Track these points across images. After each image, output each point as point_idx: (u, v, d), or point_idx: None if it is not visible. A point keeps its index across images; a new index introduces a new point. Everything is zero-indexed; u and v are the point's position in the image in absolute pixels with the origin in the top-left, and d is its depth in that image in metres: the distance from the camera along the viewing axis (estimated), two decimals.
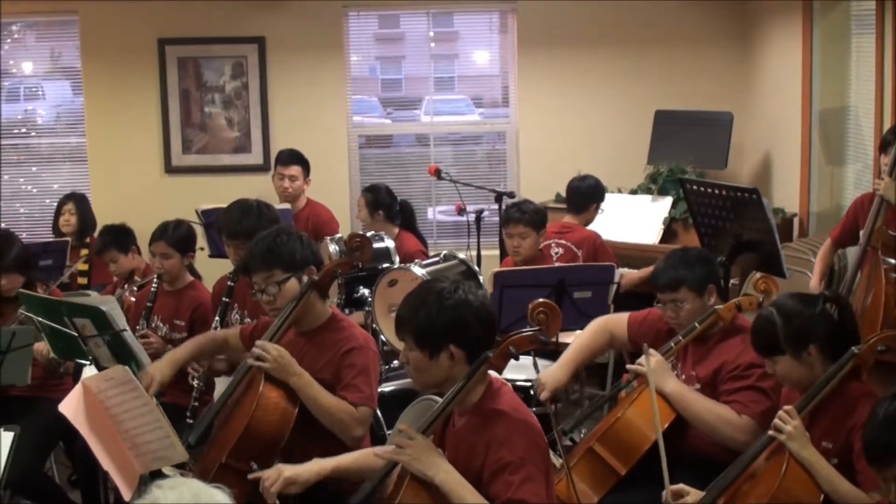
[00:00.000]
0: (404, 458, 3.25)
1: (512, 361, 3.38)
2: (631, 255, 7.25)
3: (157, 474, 3.74)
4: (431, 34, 9.01)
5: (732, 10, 8.55)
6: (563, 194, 7.19)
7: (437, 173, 7.24)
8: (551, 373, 4.42)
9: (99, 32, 8.67)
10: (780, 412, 3.57)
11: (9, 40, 9.11)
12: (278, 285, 4.12)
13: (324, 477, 3.68)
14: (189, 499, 2.28)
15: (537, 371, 4.75)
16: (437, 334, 3.28)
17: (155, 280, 5.58)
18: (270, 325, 4.20)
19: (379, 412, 4.97)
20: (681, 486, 3.66)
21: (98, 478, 4.82)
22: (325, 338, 4.13)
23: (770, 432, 3.58)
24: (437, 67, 9.14)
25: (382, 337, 5.62)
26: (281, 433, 3.94)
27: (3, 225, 8.42)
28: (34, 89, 9.41)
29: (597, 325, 4.69)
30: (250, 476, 3.67)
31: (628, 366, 4.35)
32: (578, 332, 5.77)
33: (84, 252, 7.23)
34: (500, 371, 3.37)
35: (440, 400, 3.44)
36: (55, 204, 8.12)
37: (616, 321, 4.66)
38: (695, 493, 3.65)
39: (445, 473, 3.17)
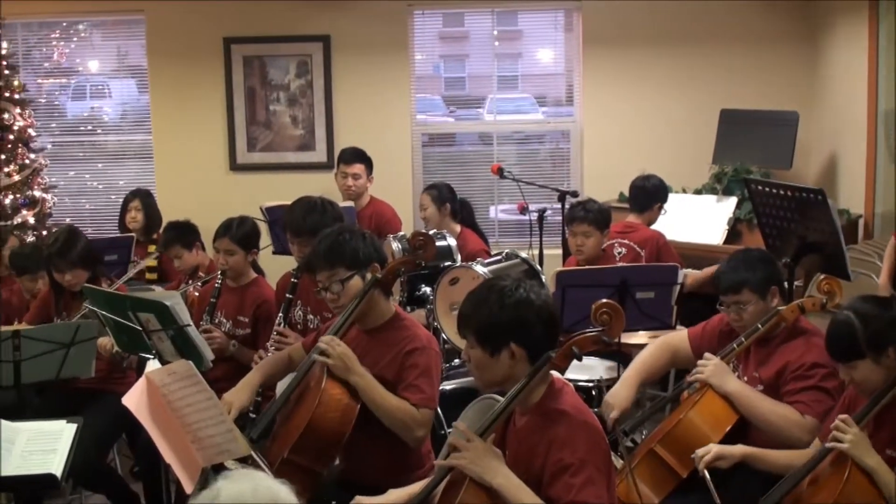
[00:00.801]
0: (462, 463, 3.23)
1: (574, 362, 3.36)
2: (695, 255, 7.18)
3: (220, 468, 3.76)
4: (496, 32, 8.99)
5: (799, 10, 8.46)
6: (627, 194, 7.16)
7: (500, 172, 7.22)
8: (616, 393, 4.38)
9: (165, 31, 8.77)
10: (837, 422, 3.53)
11: (75, 39, 9.24)
12: (342, 283, 4.13)
13: None
14: (253, 493, 2.29)
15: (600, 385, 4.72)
16: (498, 332, 3.27)
17: (219, 276, 5.62)
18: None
19: (440, 410, 4.97)
20: None
21: (160, 470, 4.88)
22: (388, 336, 4.13)
23: (828, 444, 3.54)
24: (501, 66, 9.12)
25: (444, 335, 5.62)
26: (342, 430, 3.94)
27: (68, 221, 8.53)
28: (100, 87, 9.53)
29: (658, 343, 4.65)
30: None
31: (688, 377, 4.32)
32: (641, 332, 5.78)
33: (152, 248, 7.30)
34: (562, 371, 3.35)
35: (501, 399, 3.43)
36: (120, 200, 8.22)
37: (677, 338, 4.63)
38: None
39: (504, 478, 3.16)
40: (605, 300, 3.48)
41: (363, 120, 8.72)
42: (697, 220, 7.66)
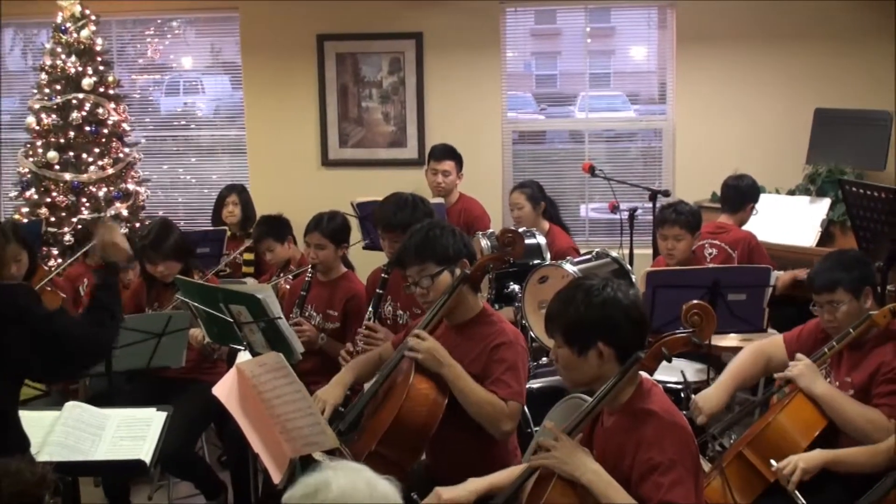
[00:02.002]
0: (551, 462, 3.23)
1: (663, 363, 3.33)
2: (786, 257, 7.06)
3: (307, 460, 3.79)
4: (588, 29, 8.94)
5: (894, 8, 8.28)
6: (719, 193, 7.08)
7: (591, 170, 7.18)
8: (707, 397, 4.34)
9: (259, 28, 8.87)
10: None
11: (169, 36, 9.38)
12: (431, 278, 4.14)
13: (480, 495, 3.68)
14: (361, 487, 2.30)
15: (685, 382, 4.67)
16: (586, 331, 3.26)
17: (309, 270, 5.67)
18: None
19: (527, 409, 4.96)
20: None
21: (248, 460, 4.93)
22: (475, 331, 4.13)
23: None
24: (593, 63, 9.06)
25: (532, 333, 5.61)
26: (430, 424, 3.96)
27: (161, 214, 8.66)
28: (194, 83, 9.68)
29: (752, 349, 4.60)
30: None
31: (776, 375, 4.27)
32: (732, 335, 5.71)
33: (248, 243, 7.39)
34: (651, 372, 3.33)
35: (589, 398, 3.41)
36: (213, 194, 8.32)
37: (772, 344, 4.57)
38: None
39: (593, 474, 3.15)
40: (696, 301, 3.45)
41: (454, 117, 8.73)
42: (790, 221, 7.54)
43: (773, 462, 3.91)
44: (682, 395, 4.58)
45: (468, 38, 8.70)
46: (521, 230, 5.76)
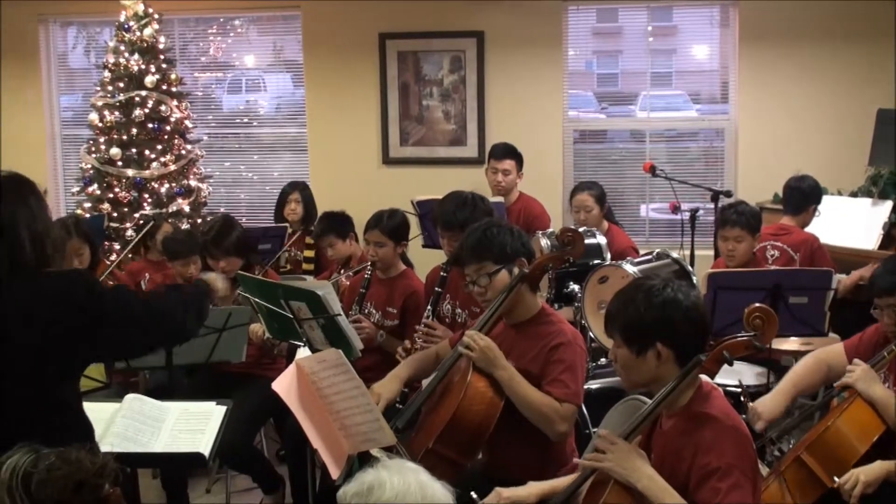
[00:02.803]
0: (607, 465, 3.21)
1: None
2: (847, 259, 6.96)
3: (365, 456, 3.80)
4: (650, 28, 8.89)
5: None
6: (781, 195, 7.00)
7: (653, 170, 7.13)
8: (767, 403, 4.30)
9: (321, 27, 8.92)
10: None
11: (232, 34, 9.47)
12: (489, 277, 4.13)
13: (540, 499, 3.67)
14: (414, 489, 2.31)
15: (743, 386, 4.62)
16: (645, 332, 3.24)
17: (369, 267, 5.69)
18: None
19: (585, 410, 4.94)
20: None
21: (306, 455, 4.96)
22: (534, 330, 4.12)
23: None
24: (655, 62, 9.01)
25: (591, 333, 5.59)
26: (487, 423, 3.95)
27: (223, 210, 8.74)
28: (256, 81, 9.76)
29: (813, 358, 4.54)
30: None
31: (836, 383, 4.22)
32: (793, 338, 5.65)
33: (309, 240, 7.42)
34: (712, 376, 3.29)
35: (647, 400, 3.39)
36: (275, 191, 8.39)
37: (832, 353, 4.51)
38: None
39: (648, 479, 3.13)
40: (758, 304, 3.41)
41: (515, 116, 8.72)
42: (851, 223, 7.43)
43: (836, 479, 3.87)
44: (741, 399, 4.54)
45: (530, 37, 8.68)
46: (580, 230, 5.73)
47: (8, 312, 3.29)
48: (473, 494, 3.71)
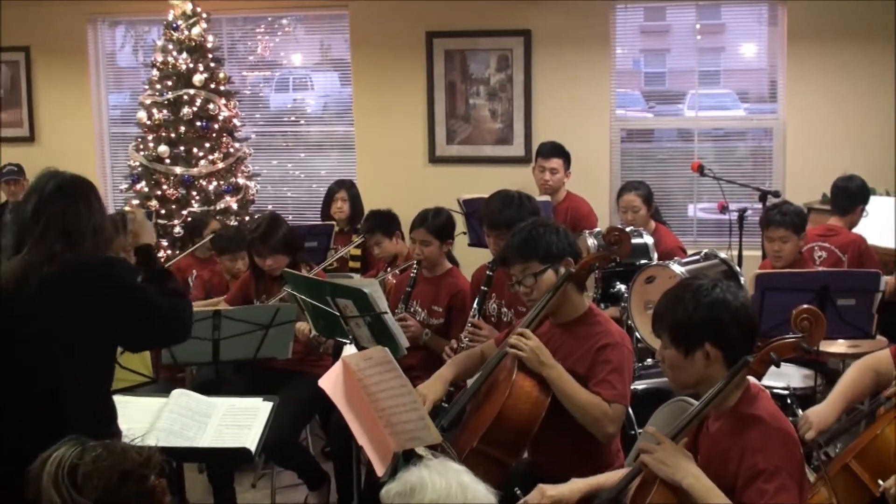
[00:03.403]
0: (652, 463, 3.20)
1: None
2: (894, 261, 6.90)
3: (410, 454, 3.81)
4: (698, 26, 8.83)
5: None
6: (829, 195, 6.94)
7: (700, 169, 7.08)
8: (819, 412, 4.25)
9: (369, 26, 8.94)
10: None
11: (279, 33, 9.51)
12: (535, 277, 4.13)
13: (583, 496, 3.66)
14: (456, 490, 2.31)
15: (790, 388, 4.59)
16: (693, 332, 3.23)
17: (414, 266, 5.70)
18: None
19: (631, 411, 4.92)
20: None
21: (351, 451, 4.97)
22: (580, 330, 4.11)
23: None
24: (702, 61, 8.96)
25: (637, 334, 5.57)
26: (532, 422, 3.95)
27: (270, 208, 8.78)
28: (303, 80, 9.81)
29: (860, 365, 4.48)
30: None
31: (884, 392, 4.17)
32: (840, 340, 5.60)
33: (356, 238, 7.45)
34: (759, 377, 3.27)
35: (694, 402, 3.38)
36: (322, 189, 8.42)
37: (879, 359, 4.44)
38: None
39: (694, 478, 3.11)
40: (806, 306, 3.38)
41: (562, 114, 8.69)
42: None
43: (880, 482, 3.83)
44: (788, 401, 4.51)
45: (577, 35, 8.65)
46: (627, 229, 5.71)
47: (48, 292, 3.46)
48: (517, 491, 3.72)
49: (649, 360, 5.67)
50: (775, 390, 5.13)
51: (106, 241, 3.64)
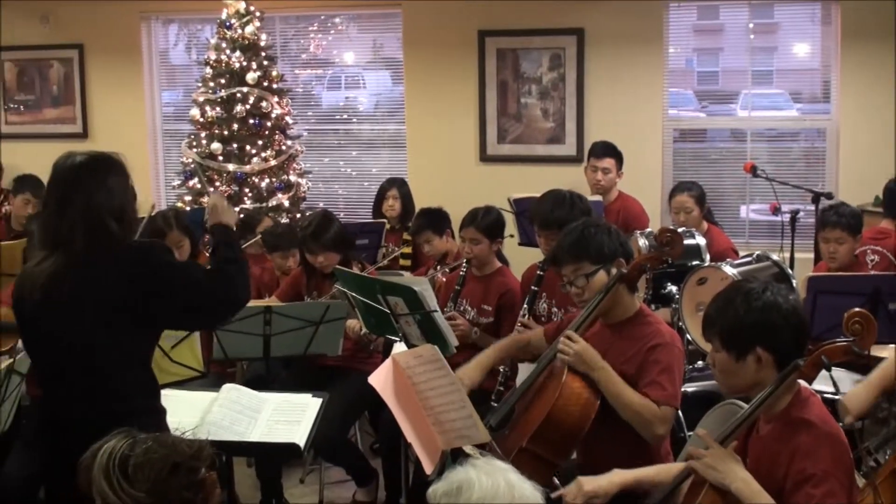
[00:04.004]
0: (700, 467, 3.19)
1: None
2: None
3: (458, 452, 3.82)
4: (751, 25, 8.77)
5: None
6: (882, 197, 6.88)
7: (753, 170, 7.04)
8: (855, 398, 4.23)
9: (421, 25, 8.96)
10: None
11: (332, 32, 9.55)
12: (586, 278, 4.11)
13: (624, 488, 3.64)
14: (503, 488, 2.32)
15: (835, 387, 4.54)
16: (744, 336, 3.21)
17: (464, 264, 5.70)
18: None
19: (680, 413, 4.90)
20: None
21: (399, 449, 5.00)
22: (631, 331, 4.10)
23: None
24: (755, 60, 8.89)
25: (688, 336, 5.54)
26: (582, 424, 3.93)
27: (321, 205, 8.83)
28: (355, 78, 9.84)
29: None
30: (553, 495, 3.64)
31: None
32: (892, 345, 5.54)
33: (406, 236, 7.47)
34: (810, 381, 3.25)
35: (744, 405, 3.36)
36: (373, 187, 8.45)
37: None
38: None
39: (742, 482, 3.10)
40: (857, 309, 3.35)
41: (614, 114, 8.66)
42: None
43: None
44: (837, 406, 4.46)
45: (630, 34, 8.61)
46: (679, 230, 5.68)
47: (87, 277, 3.49)
48: (555, 480, 3.71)
49: (700, 362, 5.64)
50: (825, 395, 5.10)
51: (132, 220, 3.66)
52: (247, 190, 8.34)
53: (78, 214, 3.50)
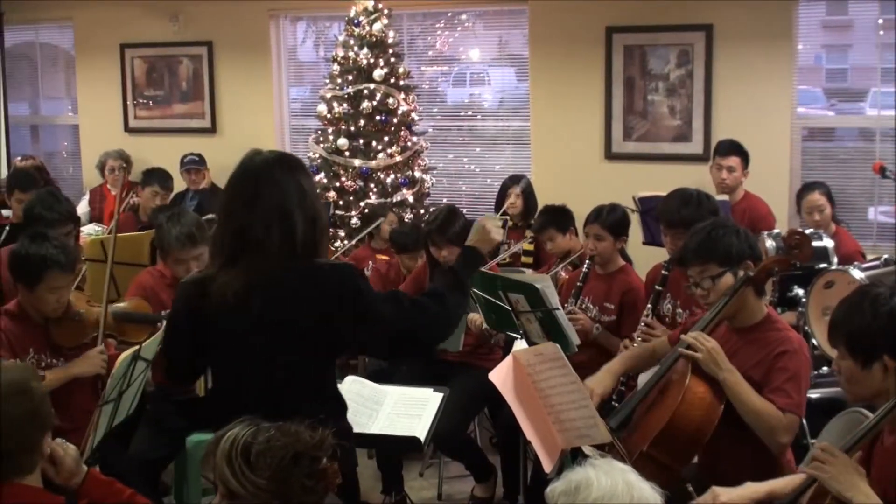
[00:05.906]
0: (823, 477, 3.13)
1: None
2: None
3: (577, 452, 3.82)
4: (881, 21, 8.55)
5: None
6: None
7: (882, 171, 6.88)
8: None
9: (548, 22, 8.93)
10: None
11: (459, 29, 9.58)
12: (713, 280, 4.07)
13: (757, 501, 3.58)
14: (622, 489, 2.32)
15: None
16: (870, 343, 3.15)
17: (587, 261, 5.70)
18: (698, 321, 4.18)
19: (804, 420, 4.83)
20: None
21: (519, 445, 5.01)
22: (758, 336, 4.04)
23: None
24: (885, 57, 8.66)
25: (814, 341, 5.44)
26: (705, 429, 3.89)
27: (445, 201, 8.88)
28: (480, 75, 9.86)
29: None
30: None
31: None
32: None
33: (529, 233, 7.48)
34: None
35: (869, 413, 3.30)
36: (496, 184, 8.47)
37: None
38: None
39: (865, 497, 3.03)
40: None
41: (742, 111, 8.52)
42: None
43: None
44: None
45: (759, 30, 8.46)
46: (807, 231, 5.59)
47: (287, 296, 3.41)
48: (689, 487, 3.68)
49: (825, 368, 5.54)
50: None
51: (323, 228, 3.52)
52: (372, 185, 8.44)
53: (274, 214, 3.37)
